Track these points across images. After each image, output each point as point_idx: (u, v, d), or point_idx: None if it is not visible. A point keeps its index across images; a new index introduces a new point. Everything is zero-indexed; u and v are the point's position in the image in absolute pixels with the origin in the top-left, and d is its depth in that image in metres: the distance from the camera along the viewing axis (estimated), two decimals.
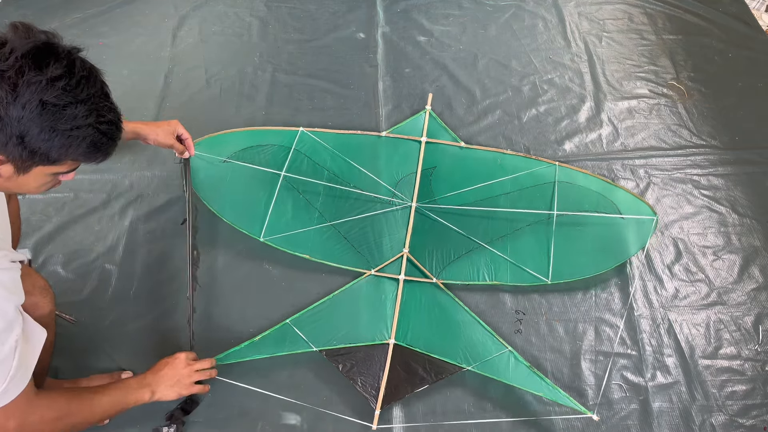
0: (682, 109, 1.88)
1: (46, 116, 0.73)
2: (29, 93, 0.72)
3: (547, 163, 1.62)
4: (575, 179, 1.59)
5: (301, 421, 1.24)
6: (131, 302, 1.39)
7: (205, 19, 2.08)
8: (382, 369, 1.26)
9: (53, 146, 0.76)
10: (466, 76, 1.94)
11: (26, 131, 0.73)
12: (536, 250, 1.47)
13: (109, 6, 2.08)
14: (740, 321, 1.43)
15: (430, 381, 1.25)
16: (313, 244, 1.47)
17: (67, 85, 0.74)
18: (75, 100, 0.75)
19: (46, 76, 0.72)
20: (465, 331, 1.34)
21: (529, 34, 2.09)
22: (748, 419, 1.29)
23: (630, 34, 2.11)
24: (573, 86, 1.93)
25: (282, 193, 1.53)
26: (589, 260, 1.46)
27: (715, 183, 1.70)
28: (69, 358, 1.29)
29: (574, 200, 1.55)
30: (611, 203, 1.53)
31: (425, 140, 1.67)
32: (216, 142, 1.56)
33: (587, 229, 1.50)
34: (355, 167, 1.61)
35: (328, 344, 1.29)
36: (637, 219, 1.50)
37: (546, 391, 1.23)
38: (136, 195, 1.58)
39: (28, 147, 0.75)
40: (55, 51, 0.75)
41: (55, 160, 0.78)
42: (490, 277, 1.44)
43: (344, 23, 2.08)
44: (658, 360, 1.36)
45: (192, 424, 1.23)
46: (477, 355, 1.29)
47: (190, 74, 1.90)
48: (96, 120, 0.78)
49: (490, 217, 1.53)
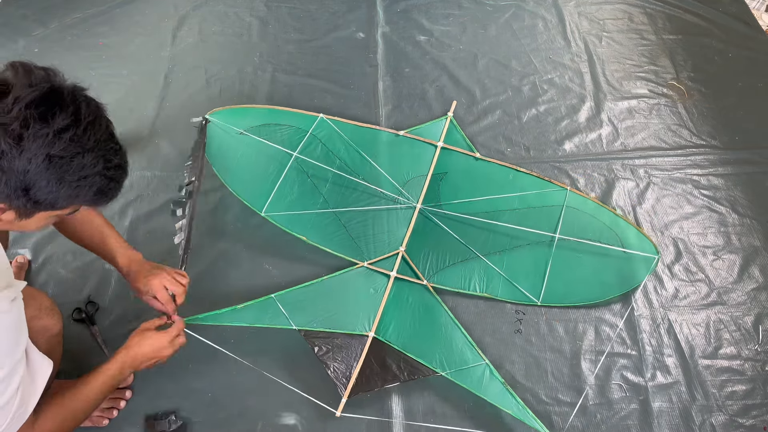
0: (682, 109, 1.88)
1: (53, 169, 0.70)
2: (35, 147, 0.68)
3: (560, 187, 1.60)
4: (584, 207, 1.56)
5: (300, 420, 1.24)
6: (131, 302, 1.39)
7: (205, 19, 2.08)
8: (356, 359, 1.26)
9: (60, 197, 0.73)
10: (466, 76, 1.94)
11: (32, 184, 0.71)
12: (531, 270, 1.46)
13: (109, 6, 2.08)
14: (740, 321, 1.43)
15: (401, 379, 1.24)
16: (312, 227, 1.49)
17: (74, 136, 0.71)
18: (83, 150, 0.72)
19: (52, 128, 0.69)
20: (445, 337, 1.33)
21: (529, 34, 2.09)
22: (748, 419, 1.29)
23: (630, 34, 2.11)
24: (573, 86, 1.93)
25: (290, 174, 1.56)
26: (582, 288, 1.44)
27: (715, 183, 1.70)
28: (69, 358, 1.28)
29: (578, 227, 1.52)
30: (615, 235, 1.50)
31: (441, 145, 1.66)
32: (236, 114, 1.63)
33: (586, 258, 1.48)
34: (367, 160, 1.62)
35: (308, 325, 1.29)
36: (638, 255, 1.48)
37: (515, 410, 1.20)
38: (136, 195, 1.58)
39: (32, 198, 0.72)
40: (60, 98, 0.71)
41: (60, 207, 0.76)
42: (481, 288, 1.43)
43: (344, 23, 2.08)
44: (658, 360, 1.36)
45: (192, 424, 1.23)
46: (453, 362, 1.28)
47: (190, 74, 1.90)
48: (104, 167, 0.76)
49: (492, 230, 1.52)
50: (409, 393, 1.29)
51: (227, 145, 1.56)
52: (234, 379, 1.29)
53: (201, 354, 1.32)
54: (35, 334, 0.99)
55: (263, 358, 1.29)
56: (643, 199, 1.65)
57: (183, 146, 1.69)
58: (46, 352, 0.91)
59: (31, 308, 0.85)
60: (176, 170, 1.64)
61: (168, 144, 1.70)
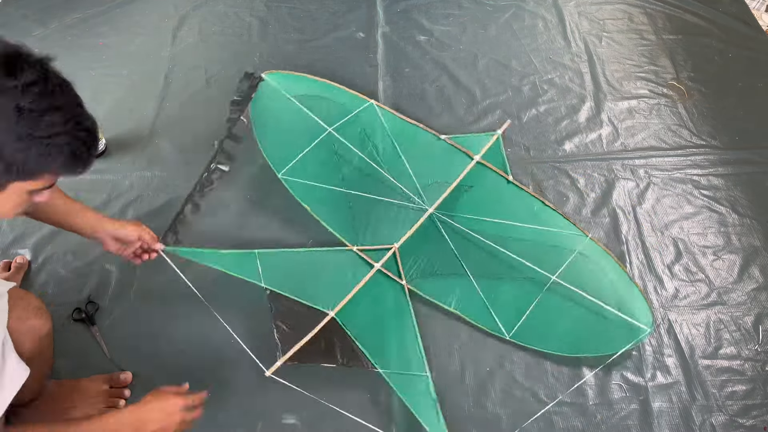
0: (682, 109, 1.88)
1: (22, 123, 0.69)
2: (4, 99, 0.68)
3: (580, 233, 1.50)
4: (597, 258, 1.46)
5: (300, 421, 1.24)
6: (131, 302, 1.39)
7: (205, 19, 2.08)
8: (307, 332, 1.27)
9: (31, 156, 0.71)
10: (466, 76, 1.95)
11: (3, 142, 0.69)
12: (513, 303, 1.39)
13: (109, 6, 2.08)
14: (740, 321, 1.43)
15: (339, 363, 1.25)
16: (321, 202, 1.52)
17: (43, 91, 0.71)
18: (52, 107, 0.71)
19: (20, 82, 0.69)
20: (400, 340, 1.32)
21: (529, 34, 2.09)
22: (748, 419, 1.29)
23: (630, 34, 2.12)
24: (573, 86, 1.93)
25: (319, 147, 1.60)
26: (558, 338, 1.35)
27: (715, 183, 1.70)
28: (69, 358, 1.29)
29: (581, 275, 1.42)
30: (616, 294, 1.39)
31: (478, 159, 1.62)
32: (291, 79, 1.72)
33: (574, 309, 1.38)
34: (397, 154, 1.62)
35: (277, 288, 1.31)
36: (630, 323, 1.35)
37: (434, 427, 1.18)
38: (136, 195, 1.58)
39: (4, 159, 0.70)
40: (27, 59, 0.71)
41: (32, 173, 0.74)
42: (457, 306, 1.39)
43: (344, 23, 2.08)
44: (658, 360, 1.36)
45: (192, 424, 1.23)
46: (396, 365, 1.27)
47: (190, 74, 1.90)
48: (74, 127, 0.74)
49: (493, 253, 1.47)
50: None
51: (272, 106, 1.66)
52: (234, 378, 1.29)
53: (201, 354, 1.32)
54: (23, 335, 0.98)
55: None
56: (643, 199, 1.65)
57: (183, 146, 1.69)
58: (35, 353, 0.90)
59: (19, 309, 0.84)
60: (176, 170, 1.64)
61: (168, 144, 1.70)
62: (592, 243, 1.48)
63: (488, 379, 1.32)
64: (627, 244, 1.55)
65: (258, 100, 1.67)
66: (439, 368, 1.32)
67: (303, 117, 1.65)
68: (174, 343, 1.34)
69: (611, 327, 1.36)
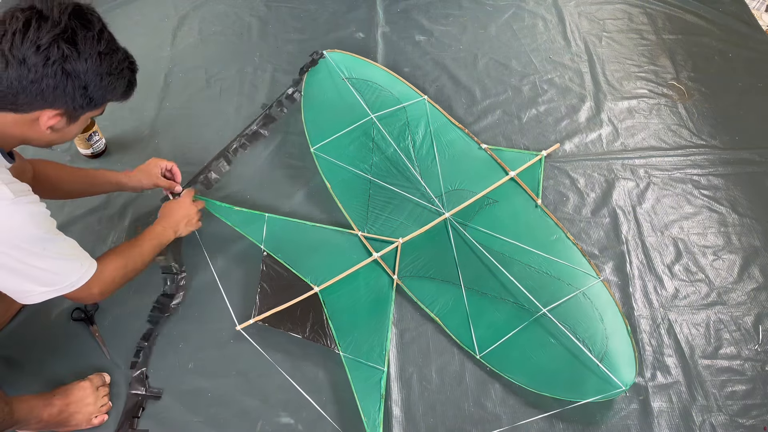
0: (682, 109, 1.88)
1: (103, 64, 0.86)
2: (88, 48, 0.84)
3: (593, 274, 1.43)
4: (600, 303, 1.39)
5: (299, 421, 1.24)
6: (131, 302, 1.39)
7: (205, 19, 2.08)
8: (287, 300, 1.32)
9: (107, 90, 0.89)
10: (466, 76, 1.95)
11: (89, 81, 0.86)
12: (495, 324, 1.35)
13: (109, 6, 2.08)
14: (740, 321, 1.43)
15: (305, 336, 1.28)
16: (342, 182, 1.57)
17: (109, 35, 0.88)
18: (116, 47, 0.90)
19: (94, 31, 0.85)
20: (371, 330, 1.33)
21: (529, 34, 2.09)
22: (748, 419, 1.29)
23: (630, 34, 2.12)
24: (573, 86, 1.93)
25: (358, 130, 1.66)
26: (529, 370, 1.30)
27: (715, 183, 1.70)
28: (68, 358, 1.29)
29: (575, 315, 1.37)
30: (603, 346, 1.32)
31: (513, 176, 1.60)
32: (351, 61, 1.80)
33: (555, 347, 1.32)
34: (433, 153, 1.64)
35: (274, 253, 1.39)
36: (607, 377, 1.27)
37: (370, 420, 1.19)
38: (136, 195, 1.58)
39: (88, 95, 0.87)
40: (85, 9, 0.86)
41: (102, 103, 0.92)
42: (439, 313, 1.37)
43: (344, 23, 2.08)
44: (658, 360, 1.36)
45: (192, 424, 1.23)
46: (359, 352, 1.29)
47: (190, 74, 1.90)
48: (128, 61, 0.94)
49: (493, 271, 1.44)
50: (410, 389, 1.29)
51: (324, 82, 1.74)
52: (234, 378, 1.29)
53: (201, 354, 1.32)
54: None
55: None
56: (643, 199, 1.65)
57: (183, 146, 1.69)
58: None
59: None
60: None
61: (168, 144, 1.70)
62: (602, 287, 1.41)
63: (490, 379, 1.32)
64: (627, 244, 1.55)
65: (314, 74, 1.76)
66: (440, 365, 1.33)
67: (351, 99, 1.71)
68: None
69: (586, 375, 1.28)
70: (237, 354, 1.31)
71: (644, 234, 1.58)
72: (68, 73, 0.83)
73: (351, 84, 1.74)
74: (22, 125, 0.88)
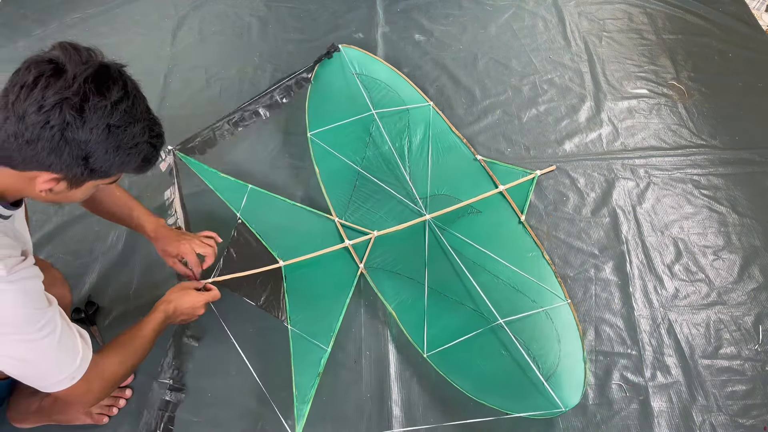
0: (682, 109, 1.88)
1: (111, 138, 0.78)
2: (96, 117, 0.75)
3: (561, 296, 1.40)
4: (561, 326, 1.35)
5: None
6: (131, 302, 1.39)
7: (204, 19, 2.08)
8: (249, 268, 1.35)
9: (114, 164, 0.81)
10: (466, 76, 1.95)
11: (91, 153, 0.78)
12: (449, 327, 1.34)
13: (109, 6, 2.08)
14: (740, 321, 1.43)
15: (258, 305, 1.33)
16: (331, 169, 1.60)
17: (127, 107, 0.79)
18: (134, 120, 0.80)
19: (109, 101, 0.76)
20: (324, 312, 1.34)
21: (529, 34, 2.09)
22: (748, 419, 1.29)
23: (630, 34, 2.11)
24: (573, 86, 1.93)
25: (357, 123, 1.69)
26: (471, 376, 1.28)
27: (715, 183, 1.70)
28: None
29: (531, 331, 1.34)
30: (553, 366, 1.29)
31: (502, 190, 1.59)
32: (363, 59, 1.84)
33: (504, 358, 1.31)
34: (426, 156, 1.66)
35: (249, 223, 1.44)
36: (548, 395, 1.24)
37: (302, 396, 1.21)
38: (135, 195, 1.57)
39: (90, 167, 0.79)
40: (111, 73, 0.78)
41: (109, 174, 0.83)
42: (396, 308, 1.36)
43: (344, 23, 2.08)
44: (658, 360, 1.36)
45: (192, 424, 1.23)
46: (308, 330, 1.30)
47: (190, 74, 1.90)
48: (149, 135, 0.84)
49: (460, 276, 1.43)
50: (410, 387, 1.29)
51: (334, 74, 1.79)
52: (234, 378, 1.29)
53: (201, 354, 1.32)
54: None
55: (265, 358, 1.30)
56: (643, 199, 1.65)
57: None
58: None
59: (47, 278, 0.90)
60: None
61: (168, 144, 1.70)
62: (568, 310, 1.38)
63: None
64: (627, 244, 1.55)
65: (325, 65, 1.81)
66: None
67: (356, 93, 1.76)
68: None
69: (528, 390, 1.26)
70: (237, 354, 1.31)
71: (644, 234, 1.58)
72: (68, 140, 0.75)
73: (360, 80, 1.78)
74: (20, 181, 0.81)
